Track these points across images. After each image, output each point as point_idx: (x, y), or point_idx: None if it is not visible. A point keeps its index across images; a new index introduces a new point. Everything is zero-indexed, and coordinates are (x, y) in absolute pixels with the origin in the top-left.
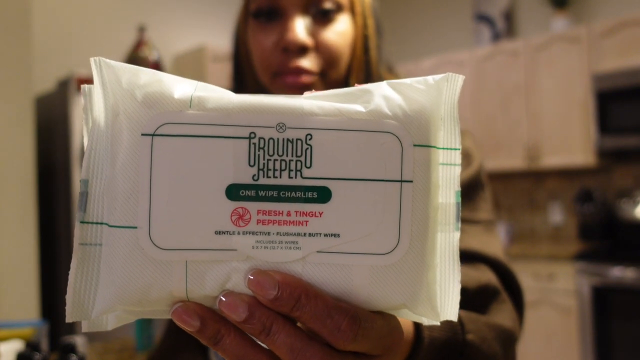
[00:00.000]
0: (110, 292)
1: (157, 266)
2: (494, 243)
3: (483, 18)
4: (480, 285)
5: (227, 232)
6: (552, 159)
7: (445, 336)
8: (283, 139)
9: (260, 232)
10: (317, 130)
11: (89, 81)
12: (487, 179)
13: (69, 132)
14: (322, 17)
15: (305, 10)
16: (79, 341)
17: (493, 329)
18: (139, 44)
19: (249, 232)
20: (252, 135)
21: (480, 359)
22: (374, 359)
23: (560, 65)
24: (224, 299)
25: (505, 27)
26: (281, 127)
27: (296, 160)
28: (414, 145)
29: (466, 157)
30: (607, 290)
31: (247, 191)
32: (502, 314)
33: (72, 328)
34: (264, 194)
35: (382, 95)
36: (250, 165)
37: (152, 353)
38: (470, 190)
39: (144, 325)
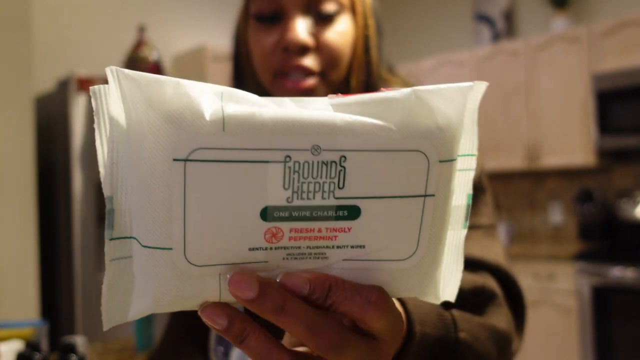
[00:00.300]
0: (145, 303)
1: (191, 280)
2: (495, 248)
3: (483, 18)
4: (476, 286)
5: (260, 248)
6: (552, 159)
7: (437, 334)
8: (318, 162)
9: (292, 247)
10: (350, 152)
11: (89, 81)
12: (488, 182)
13: (69, 132)
14: (323, 18)
15: (306, 11)
16: (79, 341)
17: (487, 329)
18: (139, 44)
19: (281, 247)
20: (288, 159)
21: (473, 358)
22: (379, 345)
23: (560, 65)
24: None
25: (505, 27)
26: (316, 150)
27: (330, 182)
28: (440, 162)
29: None
30: (607, 290)
31: (281, 212)
32: (497, 317)
33: (72, 328)
34: (297, 215)
35: (411, 108)
36: (284, 188)
37: (152, 353)
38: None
39: (144, 325)
